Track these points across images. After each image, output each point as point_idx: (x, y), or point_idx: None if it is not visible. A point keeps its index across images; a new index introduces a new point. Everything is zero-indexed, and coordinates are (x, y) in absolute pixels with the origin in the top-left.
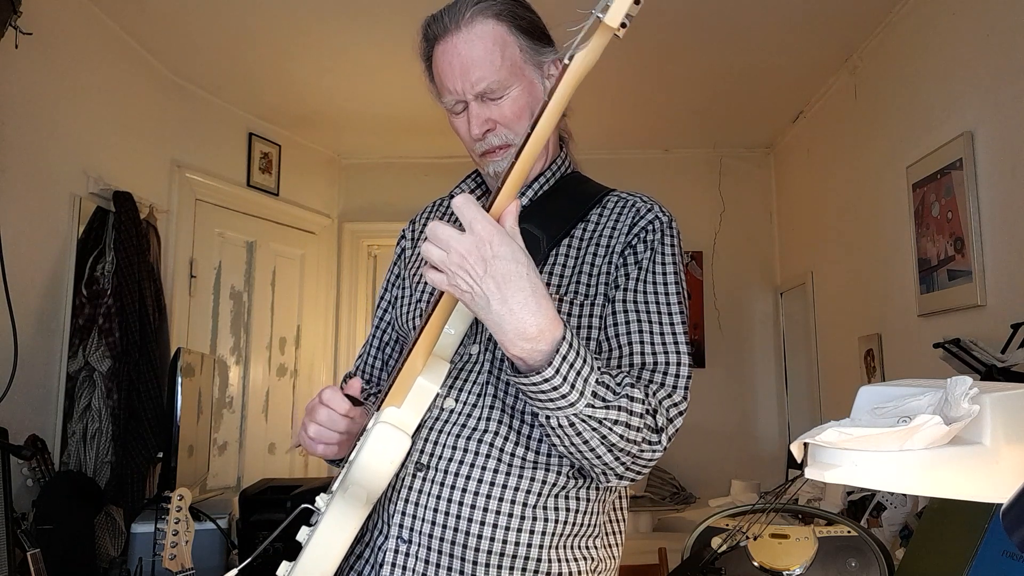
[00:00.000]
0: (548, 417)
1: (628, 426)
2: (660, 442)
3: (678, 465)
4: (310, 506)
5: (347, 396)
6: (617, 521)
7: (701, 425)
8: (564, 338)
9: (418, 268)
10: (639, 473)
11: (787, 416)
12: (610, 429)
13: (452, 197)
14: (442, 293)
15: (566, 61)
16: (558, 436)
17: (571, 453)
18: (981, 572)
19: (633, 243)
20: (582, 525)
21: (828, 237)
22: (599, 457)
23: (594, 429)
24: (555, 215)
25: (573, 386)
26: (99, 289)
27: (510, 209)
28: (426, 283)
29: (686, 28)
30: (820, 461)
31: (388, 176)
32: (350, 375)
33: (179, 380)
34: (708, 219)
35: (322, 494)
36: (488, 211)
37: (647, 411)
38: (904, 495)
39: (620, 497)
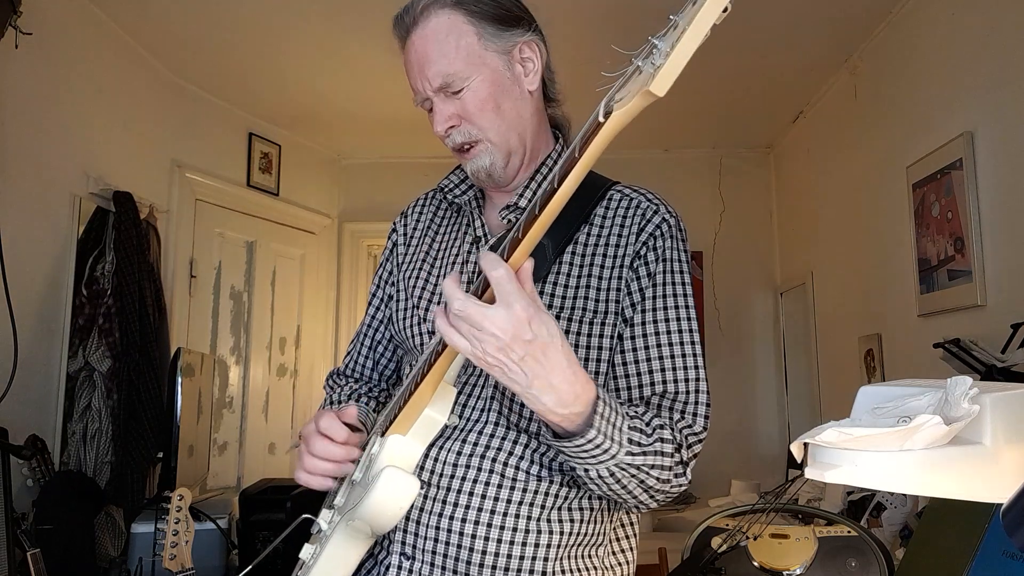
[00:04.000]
0: (587, 470)
1: (663, 467)
2: (686, 474)
3: None
4: (311, 516)
5: (345, 423)
6: (627, 526)
7: None
8: (599, 397)
9: (413, 271)
10: (664, 503)
11: (787, 416)
12: (648, 473)
13: (441, 189)
14: None
15: (601, 119)
16: (595, 485)
17: (604, 494)
18: (981, 572)
19: (643, 252)
20: (586, 535)
21: (828, 237)
22: (635, 497)
23: (632, 476)
24: (559, 217)
25: (612, 440)
26: (99, 289)
27: (527, 270)
28: (428, 296)
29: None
30: (820, 461)
31: (388, 176)
32: (338, 373)
33: (179, 380)
34: (708, 219)
35: (324, 510)
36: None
37: (676, 449)
38: (904, 495)
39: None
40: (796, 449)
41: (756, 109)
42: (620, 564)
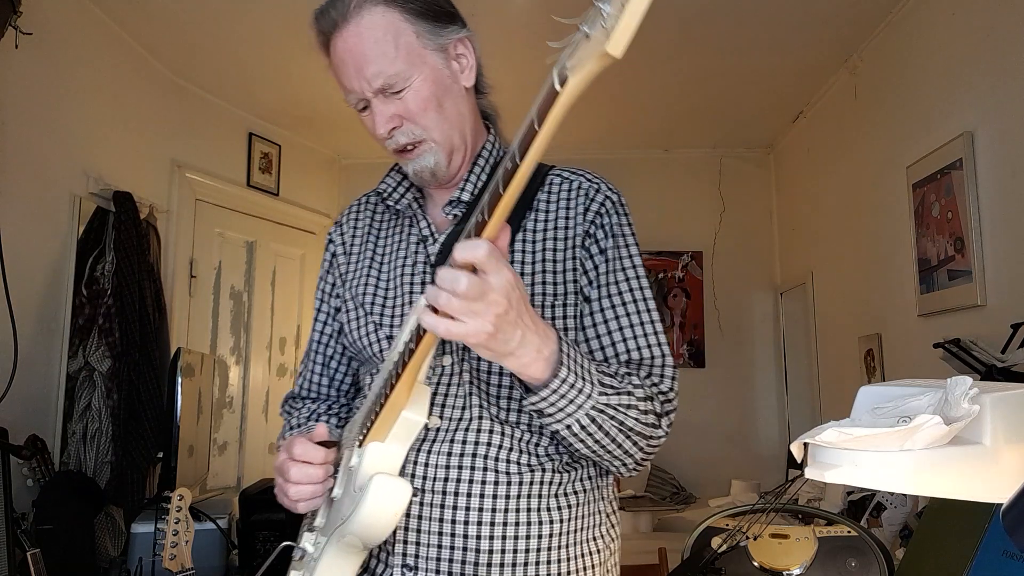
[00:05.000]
0: (569, 425)
1: (638, 409)
2: (662, 426)
3: (678, 465)
4: (291, 543)
5: (319, 443)
6: (612, 501)
7: (701, 425)
8: (560, 336)
9: (361, 279)
10: (649, 457)
11: (787, 416)
12: (625, 414)
13: (378, 194)
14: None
15: (557, 88)
16: (580, 440)
17: (593, 451)
18: (981, 572)
19: (592, 231)
20: (585, 516)
21: (828, 237)
22: (620, 446)
23: (611, 417)
24: None
25: (583, 379)
26: (99, 289)
27: (505, 237)
28: (381, 302)
29: (686, 28)
30: (820, 461)
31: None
32: (293, 396)
33: (179, 380)
34: (708, 219)
35: (306, 534)
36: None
37: (647, 396)
38: (904, 495)
39: (605, 475)
40: (796, 449)
41: (756, 109)
42: (614, 539)
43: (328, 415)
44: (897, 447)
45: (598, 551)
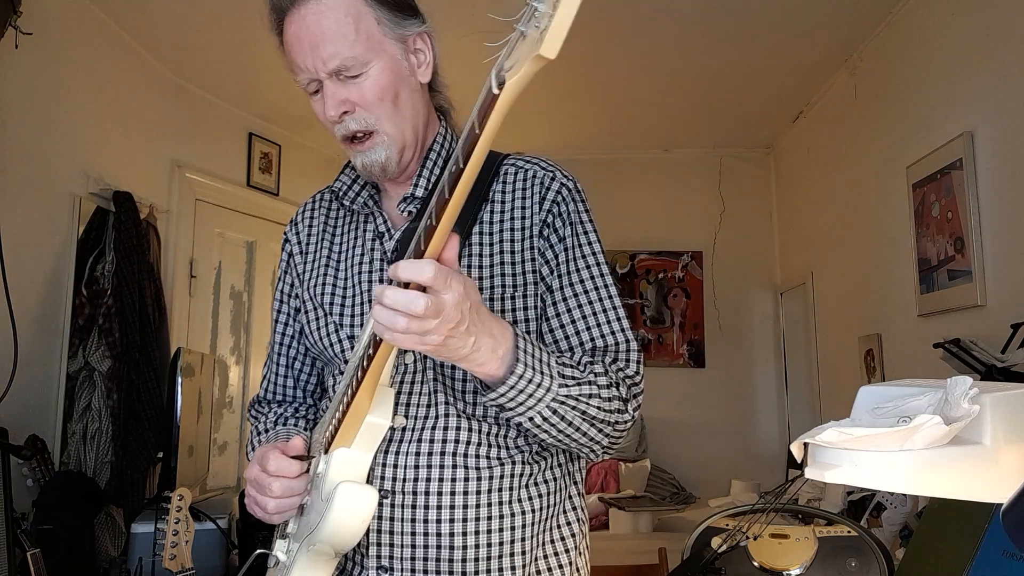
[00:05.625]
0: (531, 418)
1: (600, 397)
2: (628, 410)
3: (678, 465)
4: (265, 551)
5: (294, 457)
6: (579, 484)
7: (701, 425)
8: (516, 333)
9: (318, 279)
10: (617, 441)
11: (787, 416)
12: (587, 403)
13: (333, 192)
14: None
15: (495, 91)
16: (544, 431)
17: (559, 441)
18: (981, 572)
19: (549, 220)
20: (554, 505)
21: (828, 237)
22: (584, 434)
23: (573, 408)
24: None
25: (542, 372)
26: (99, 289)
27: (453, 252)
28: (340, 301)
29: (686, 28)
30: (820, 461)
31: None
32: (259, 400)
33: (179, 380)
34: (708, 219)
35: (279, 541)
36: (425, 255)
37: (611, 383)
38: (904, 495)
39: (575, 460)
40: (796, 449)
41: (756, 109)
42: (582, 522)
43: (296, 418)
44: (897, 447)
45: (572, 535)
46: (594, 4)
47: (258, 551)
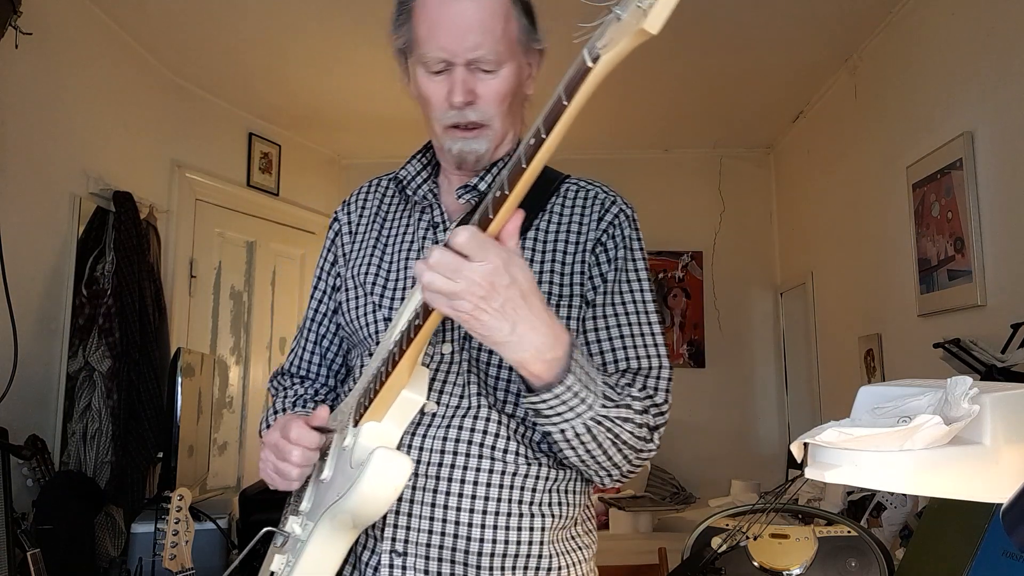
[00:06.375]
0: (563, 430)
1: (634, 423)
2: (653, 440)
3: (678, 465)
4: (273, 528)
5: (315, 428)
6: (590, 495)
7: (701, 425)
8: (573, 342)
9: (363, 260)
10: (635, 471)
11: (787, 416)
12: (621, 427)
13: (398, 180)
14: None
15: (589, 64)
16: (572, 447)
17: (582, 459)
18: (981, 572)
19: (603, 240)
20: (571, 517)
21: (828, 237)
22: (610, 458)
23: (608, 429)
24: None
25: (588, 388)
26: (99, 289)
27: (515, 225)
28: (382, 283)
29: (686, 28)
30: (820, 461)
31: None
32: (282, 372)
33: (179, 380)
34: (708, 219)
35: (292, 517)
36: (491, 224)
37: (644, 409)
38: (904, 495)
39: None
40: (796, 449)
41: (756, 109)
42: (593, 532)
43: (315, 401)
44: (897, 447)
45: (586, 547)
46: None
47: (266, 528)
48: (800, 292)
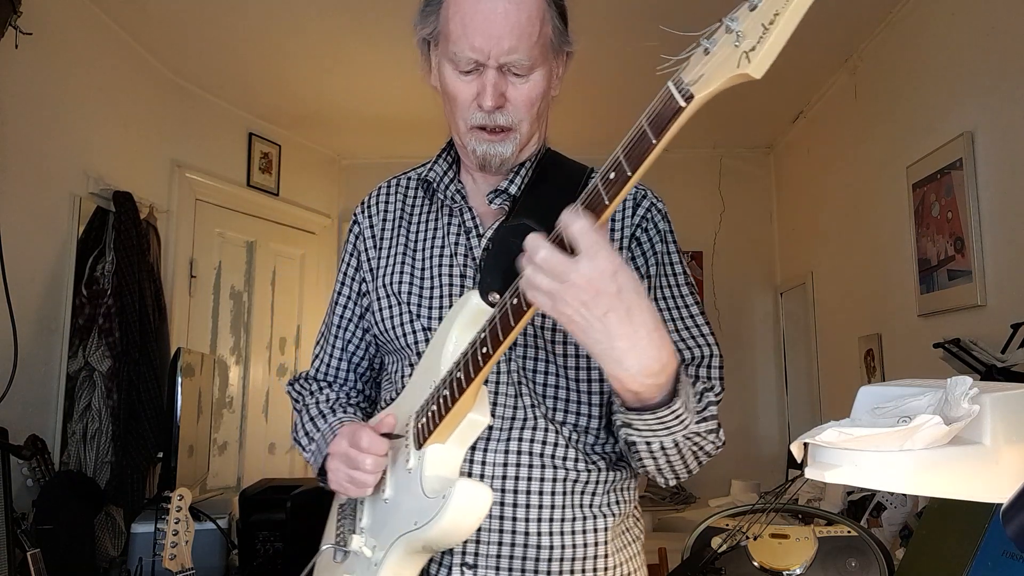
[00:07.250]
0: (649, 442)
1: (716, 432)
2: (721, 437)
3: None
4: (332, 546)
5: (383, 435)
6: (638, 491)
7: None
8: (681, 369)
9: (394, 267)
10: (695, 472)
11: (787, 416)
12: (705, 438)
13: (426, 181)
14: (513, 322)
15: (681, 104)
16: (653, 457)
17: (659, 466)
18: (981, 572)
19: (638, 234)
20: (627, 515)
21: (828, 237)
22: (686, 465)
23: (693, 443)
24: (546, 204)
25: (687, 408)
26: (99, 289)
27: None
28: (418, 292)
29: (686, 28)
30: (820, 461)
31: (388, 176)
32: (307, 378)
33: (179, 380)
34: (708, 219)
35: (355, 536)
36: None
37: (716, 414)
38: (904, 495)
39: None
40: (796, 449)
41: (756, 109)
42: (639, 522)
43: (348, 405)
44: (897, 447)
45: (637, 539)
46: (594, 3)
47: (327, 546)
48: (800, 292)
